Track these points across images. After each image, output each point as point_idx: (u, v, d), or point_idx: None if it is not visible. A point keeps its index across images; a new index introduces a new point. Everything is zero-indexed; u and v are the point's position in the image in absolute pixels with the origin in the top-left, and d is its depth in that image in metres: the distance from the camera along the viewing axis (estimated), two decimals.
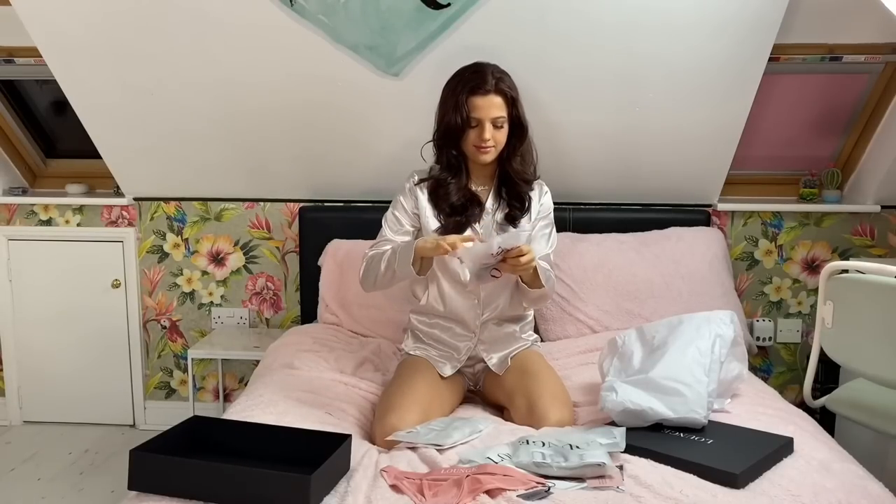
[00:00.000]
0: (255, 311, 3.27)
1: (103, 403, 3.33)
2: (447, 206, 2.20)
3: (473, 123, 2.13)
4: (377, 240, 2.26)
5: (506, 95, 2.14)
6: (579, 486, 1.60)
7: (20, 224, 3.29)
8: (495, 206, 2.24)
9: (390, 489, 1.60)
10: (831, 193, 3.01)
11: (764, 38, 2.51)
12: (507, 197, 2.24)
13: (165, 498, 1.55)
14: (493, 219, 2.23)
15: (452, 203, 2.19)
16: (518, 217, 2.23)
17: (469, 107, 2.12)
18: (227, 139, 2.92)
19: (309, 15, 2.50)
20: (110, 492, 2.77)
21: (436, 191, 2.22)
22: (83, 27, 2.60)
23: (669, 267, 2.73)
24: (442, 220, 2.20)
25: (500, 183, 2.25)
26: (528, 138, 2.23)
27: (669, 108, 2.71)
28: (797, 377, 3.11)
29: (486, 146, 2.13)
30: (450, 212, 2.19)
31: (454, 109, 2.14)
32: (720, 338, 1.99)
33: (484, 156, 2.15)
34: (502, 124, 2.14)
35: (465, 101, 2.12)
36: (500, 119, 2.13)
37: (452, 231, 2.14)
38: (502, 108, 2.14)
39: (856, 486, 1.61)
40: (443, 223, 2.20)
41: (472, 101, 2.12)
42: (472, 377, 2.29)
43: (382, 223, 2.27)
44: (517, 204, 2.23)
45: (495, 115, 2.12)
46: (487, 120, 2.12)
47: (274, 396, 2.09)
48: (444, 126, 2.17)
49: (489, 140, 2.12)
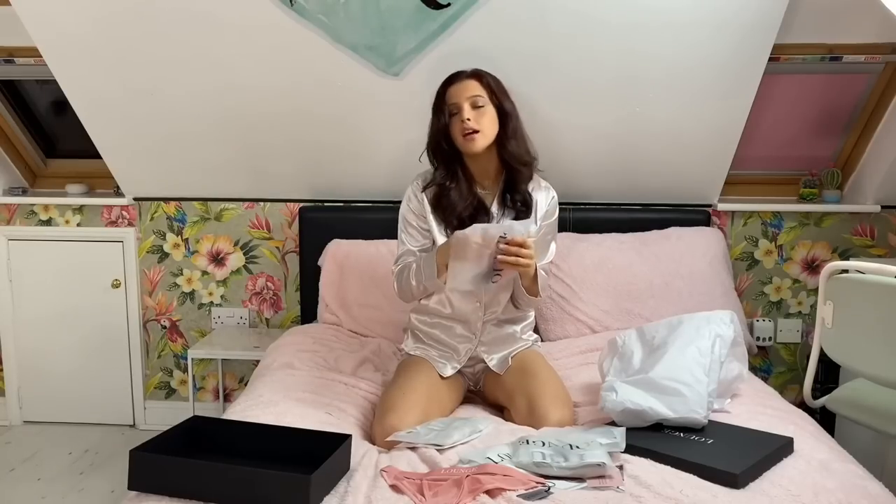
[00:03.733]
0: (255, 311, 3.27)
1: (103, 403, 3.33)
2: (454, 218, 2.18)
3: (454, 110, 2.15)
4: (399, 253, 2.26)
5: (482, 79, 2.17)
6: (579, 486, 1.60)
7: (20, 224, 3.29)
8: (500, 210, 2.23)
9: (390, 489, 1.60)
10: (831, 193, 3.02)
11: (764, 38, 2.51)
12: (511, 200, 2.22)
13: (165, 498, 1.55)
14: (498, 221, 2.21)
15: (459, 214, 2.17)
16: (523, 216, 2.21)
17: (446, 99, 2.16)
18: (227, 139, 2.92)
19: (309, 15, 2.50)
20: (110, 492, 2.77)
21: (440, 202, 2.20)
22: (83, 27, 2.60)
23: (669, 267, 2.73)
24: (448, 233, 2.17)
25: (505, 186, 2.23)
26: (521, 124, 2.22)
27: (669, 108, 2.71)
28: (797, 377, 3.11)
29: (467, 127, 2.12)
30: (457, 224, 2.15)
31: (437, 110, 2.19)
32: (720, 338, 1.99)
33: (471, 143, 2.13)
34: (483, 104, 2.14)
35: (443, 96, 2.17)
36: (479, 98, 2.14)
37: None
38: (478, 89, 2.15)
39: (856, 486, 1.61)
40: (448, 235, 2.16)
41: (448, 92, 2.16)
42: (472, 377, 2.29)
43: (398, 236, 2.27)
44: (522, 207, 2.21)
45: (471, 93, 2.14)
46: (464, 100, 2.13)
47: (274, 396, 2.09)
48: (433, 131, 2.21)
49: (469, 120, 2.11)
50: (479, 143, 2.14)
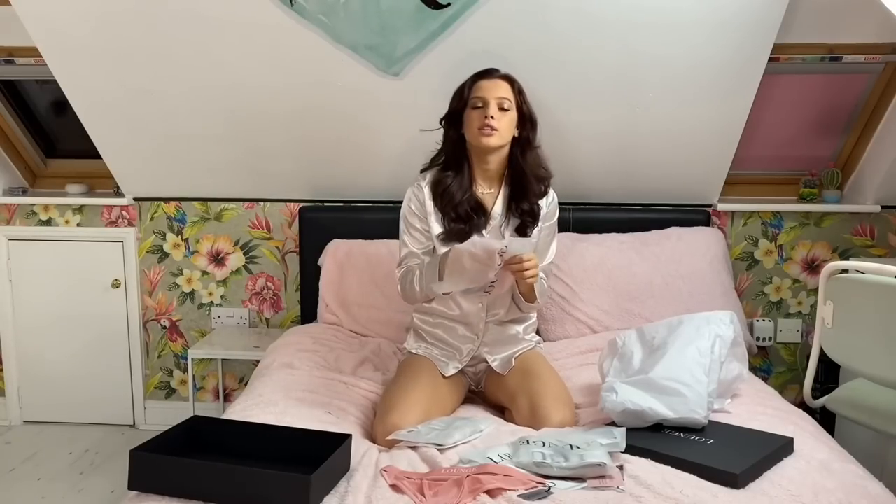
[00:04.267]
0: (255, 311, 3.27)
1: (103, 403, 3.33)
2: (452, 210, 2.18)
3: (479, 104, 2.15)
4: (402, 256, 2.26)
5: (513, 83, 2.18)
6: (579, 486, 1.60)
7: (20, 224, 3.29)
8: (504, 213, 2.22)
9: (390, 489, 1.60)
10: (831, 193, 3.01)
11: (764, 38, 2.51)
12: (517, 209, 2.21)
13: (165, 498, 1.55)
14: (500, 226, 2.21)
15: (456, 207, 2.18)
16: (529, 226, 2.21)
17: (474, 90, 2.17)
18: (227, 139, 2.92)
19: (309, 15, 2.50)
20: (110, 492, 2.77)
21: (438, 191, 2.21)
22: (83, 27, 2.60)
23: (669, 267, 2.73)
24: (446, 226, 2.19)
25: (511, 188, 2.23)
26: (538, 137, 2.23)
27: (670, 108, 2.71)
28: (797, 377, 3.11)
29: (488, 124, 2.11)
30: (454, 217, 2.17)
31: (459, 96, 2.20)
32: (720, 338, 1.99)
33: (486, 138, 2.12)
34: (509, 107, 2.15)
35: (471, 86, 2.18)
36: (506, 101, 2.15)
37: (455, 238, 2.13)
38: (508, 92, 2.16)
39: (856, 486, 1.61)
40: (447, 228, 2.19)
41: (477, 85, 2.17)
42: (473, 377, 2.29)
43: (400, 238, 2.27)
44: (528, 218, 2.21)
45: (501, 94, 2.15)
46: (493, 99, 2.14)
47: (274, 396, 2.09)
48: (450, 111, 2.22)
49: (493, 118, 2.11)
50: (493, 140, 2.14)
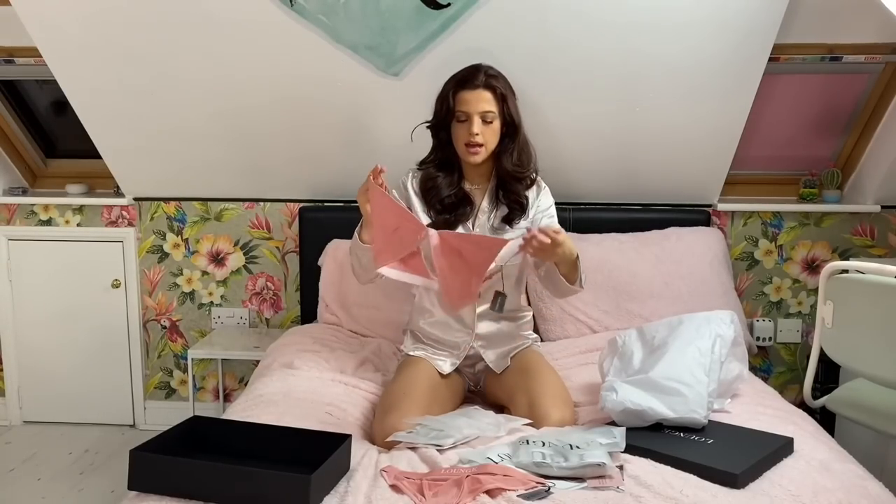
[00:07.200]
0: (255, 311, 3.27)
1: (103, 403, 3.33)
2: (438, 202, 2.21)
3: (462, 118, 2.15)
4: None
5: (495, 91, 2.16)
6: (579, 486, 1.60)
7: (20, 224, 3.29)
8: (492, 205, 2.24)
9: (390, 489, 1.60)
10: (831, 193, 3.01)
11: (764, 38, 2.51)
12: (505, 198, 2.23)
13: (165, 498, 1.55)
14: (489, 219, 2.23)
15: (443, 199, 2.20)
16: (516, 218, 2.22)
17: (457, 101, 2.15)
18: (228, 139, 2.92)
19: (309, 15, 2.50)
20: (110, 492, 2.77)
21: (426, 186, 2.23)
22: (83, 27, 2.60)
23: (669, 267, 2.73)
24: (432, 217, 2.20)
25: (497, 182, 2.25)
26: (523, 136, 2.23)
27: (669, 108, 2.71)
28: (797, 377, 3.11)
29: (474, 142, 2.13)
30: (440, 208, 2.20)
31: (442, 102, 2.20)
32: (720, 338, 1.99)
33: (473, 157, 2.16)
34: (492, 119, 2.15)
35: (454, 95, 2.16)
36: (490, 114, 2.14)
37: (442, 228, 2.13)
38: (491, 103, 2.15)
39: (856, 486, 1.61)
40: (433, 219, 2.20)
41: (460, 96, 2.15)
42: (472, 377, 2.29)
43: None
44: (516, 206, 2.22)
45: (483, 108, 2.14)
46: (476, 114, 2.13)
47: (274, 396, 2.09)
48: (435, 117, 2.23)
49: (478, 135, 2.12)
50: (480, 157, 2.17)
